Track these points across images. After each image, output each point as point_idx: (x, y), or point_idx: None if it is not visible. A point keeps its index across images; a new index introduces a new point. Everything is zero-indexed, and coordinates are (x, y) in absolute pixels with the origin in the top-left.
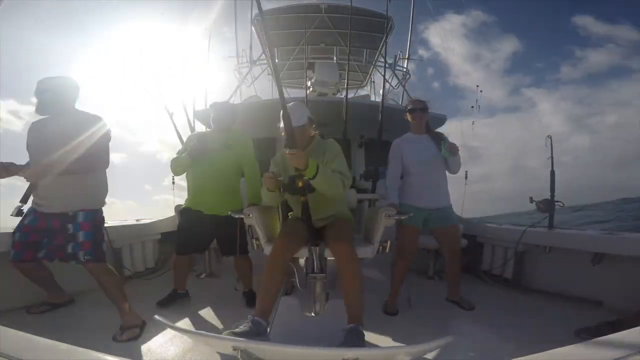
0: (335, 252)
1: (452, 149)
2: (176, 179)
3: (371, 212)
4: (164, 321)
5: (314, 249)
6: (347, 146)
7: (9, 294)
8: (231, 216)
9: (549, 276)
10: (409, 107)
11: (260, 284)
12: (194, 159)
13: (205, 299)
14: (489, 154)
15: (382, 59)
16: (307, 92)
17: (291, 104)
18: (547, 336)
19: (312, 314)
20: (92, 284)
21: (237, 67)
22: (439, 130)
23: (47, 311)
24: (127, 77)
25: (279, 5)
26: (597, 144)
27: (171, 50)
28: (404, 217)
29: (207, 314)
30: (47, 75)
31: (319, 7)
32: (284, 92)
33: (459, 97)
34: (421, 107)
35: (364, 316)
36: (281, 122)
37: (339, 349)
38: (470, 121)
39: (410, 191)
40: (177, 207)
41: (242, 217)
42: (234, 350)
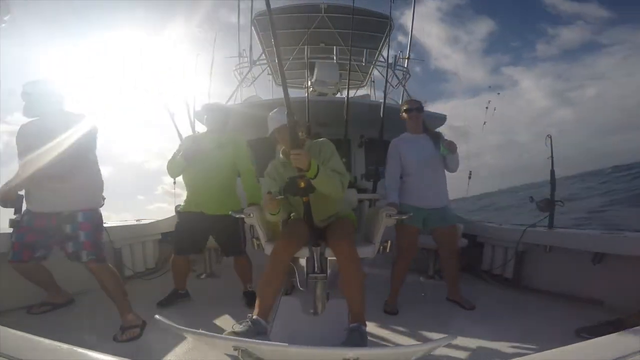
0: (336, 251)
1: (451, 146)
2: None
3: (372, 212)
4: (165, 321)
5: (315, 249)
6: (347, 146)
7: (9, 295)
8: (229, 216)
9: (549, 276)
10: (405, 107)
11: (260, 283)
12: (187, 161)
13: (205, 299)
14: (476, 133)
15: (382, 59)
16: (307, 92)
17: (274, 112)
18: (547, 336)
19: (312, 313)
20: (92, 284)
21: (237, 67)
22: (438, 130)
23: (48, 311)
24: (126, 78)
25: (279, 5)
26: (580, 117)
27: (171, 50)
28: (405, 217)
29: (207, 314)
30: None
31: (319, 7)
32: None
33: (442, 81)
34: (417, 107)
35: (365, 316)
36: (270, 129)
37: (340, 348)
38: (454, 103)
39: (409, 191)
40: (177, 207)
41: (242, 216)
42: (235, 350)
